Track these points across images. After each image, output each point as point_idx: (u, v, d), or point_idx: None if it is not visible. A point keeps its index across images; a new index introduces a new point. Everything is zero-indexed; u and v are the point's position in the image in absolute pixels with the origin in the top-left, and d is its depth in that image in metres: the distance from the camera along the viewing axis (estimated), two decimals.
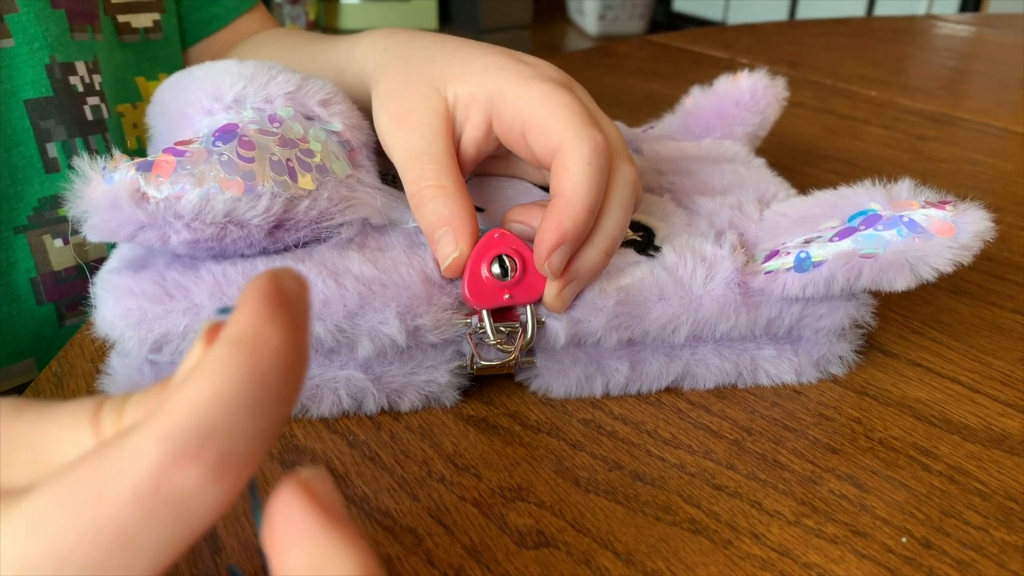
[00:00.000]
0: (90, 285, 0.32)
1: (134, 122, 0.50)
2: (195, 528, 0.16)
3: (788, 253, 0.35)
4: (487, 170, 0.41)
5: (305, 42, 0.50)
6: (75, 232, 0.45)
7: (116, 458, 0.15)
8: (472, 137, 0.35)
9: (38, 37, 0.42)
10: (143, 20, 0.50)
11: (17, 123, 0.42)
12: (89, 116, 0.45)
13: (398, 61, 0.38)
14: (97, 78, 0.46)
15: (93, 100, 0.45)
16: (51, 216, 0.45)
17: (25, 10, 0.42)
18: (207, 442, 0.15)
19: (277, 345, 0.16)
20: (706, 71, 0.81)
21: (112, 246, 0.34)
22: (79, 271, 0.47)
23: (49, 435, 0.18)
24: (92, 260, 0.47)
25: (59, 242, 0.45)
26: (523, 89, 0.34)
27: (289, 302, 0.17)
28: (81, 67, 0.44)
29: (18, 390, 0.46)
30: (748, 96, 0.50)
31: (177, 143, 0.31)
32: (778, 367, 0.37)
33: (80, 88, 0.44)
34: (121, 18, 0.49)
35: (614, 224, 0.33)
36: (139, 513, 0.15)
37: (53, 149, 0.44)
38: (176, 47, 0.53)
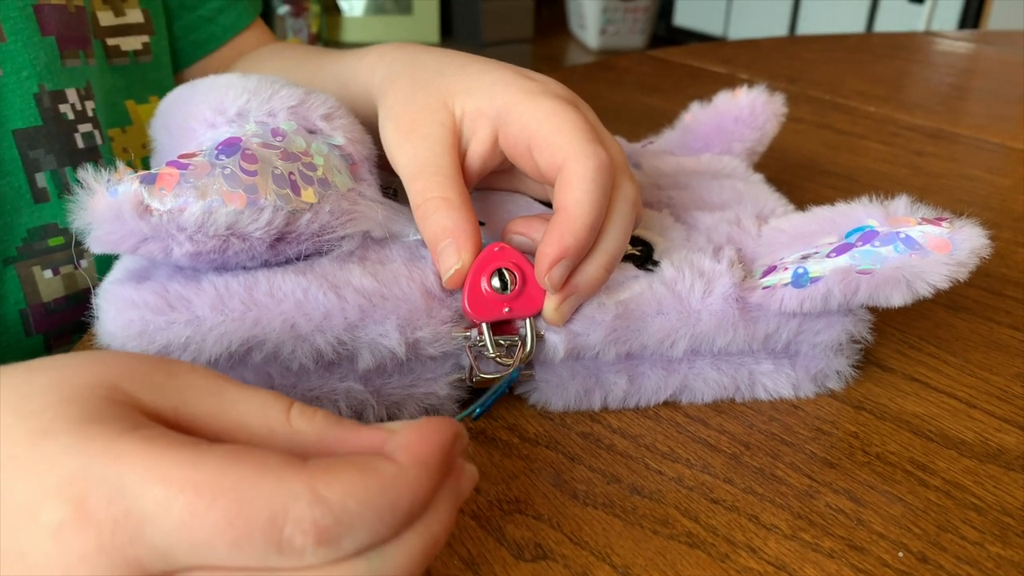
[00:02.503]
0: (93, 298, 0.32)
1: (124, 146, 0.50)
2: (271, 568, 0.19)
3: (786, 268, 0.35)
4: (489, 184, 0.41)
5: (309, 56, 0.51)
6: (83, 255, 0.45)
7: (272, 487, 0.19)
8: (478, 151, 0.36)
9: (26, 66, 0.42)
10: (132, 43, 0.50)
11: (5, 153, 0.42)
12: (80, 144, 0.45)
13: (406, 74, 0.38)
14: (90, 104, 0.45)
15: (85, 127, 0.45)
16: (40, 247, 0.44)
17: (12, 39, 0.41)
18: (334, 526, 0.19)
19: (421, 496, 0.21)
20: (706, 86, 0.82)
21: (102, 271, 0.34)
22: (68, 301, 0.46)
23: (242, 396, 0.22)
24: (82, 289, 0.47)
25: (48, 273, 0.45)
26: (530, 105, 0.34)
27: (448, 466, 0.22)
28: (72, 94, 0.44)
29: None
30: (747, 112, 0.50)
31: (180, 156, 0.31)
32: (776, 381, 0.37)
33: (71, 116, 0.44)
34: (110, 41, 0.49)
35: (615, 240, 0.34)
36: (258, 535, 0.19)
37: (42, 179, 0.43)
38: (167, 69, 0.53)
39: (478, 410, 0.31)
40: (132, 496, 0.19)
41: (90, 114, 0.45)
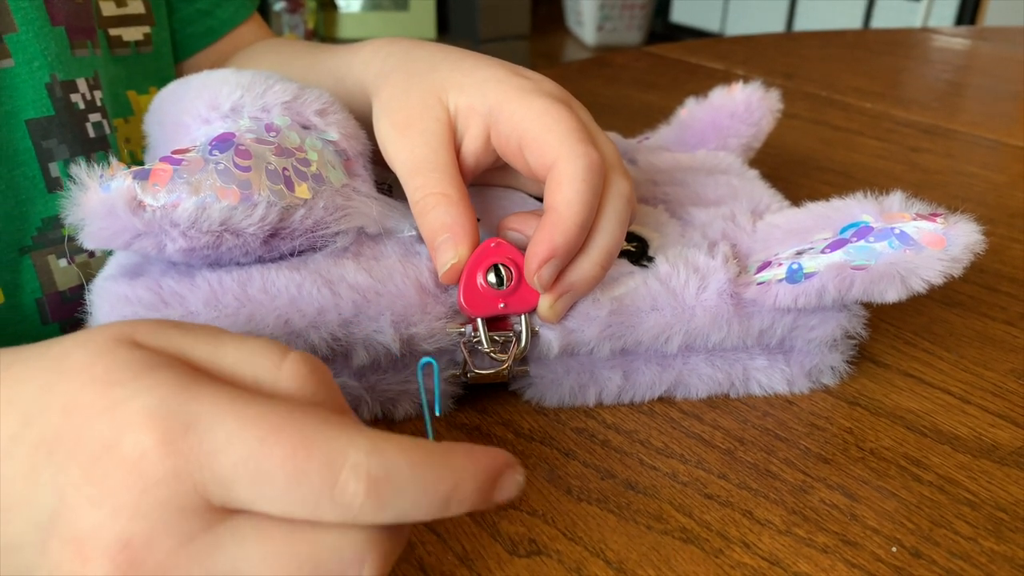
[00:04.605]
0: (87, 294, 0.32)
1: (126, 136, 0.50)
2: (319, 515, 0.20)
3: (780, 264, 0.35)
4: (485, 180, 0.41)
5: (304, 51, 0.50)
6: (80, 251, 0.45)
7: (335, 433, 0.20)
8: (471, 148, 0.36)
9: (38, 56, 0.42)
10: (134, 33, 0.50)
11: (19, 143, 0.42)
12: (91, 133, 0.45)
13: (400, 69, 0.38)
14: (98, 94, 0.45)
15: (95, 117, 0.45)
16: (55, 236, 0.44)
17: (24, 29, 0.41)
18: (386, 481, 0.20)
19: (459, 488, 0.21)
20: (702, 82, 0.82)
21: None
22: (84, 290, 0.46)
23: (235, 344, 0.23)
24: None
25: (63, 262, 0.45)
26: (521, 103, 0.34)
27: (491, 485, 0.22)
28: (82, 84, 0.44)
29: None
30: (742, 108, 0.50)
31: (174, 152, 0.31)
32: (770, 377, 0.37)
33: (81, 105, 0.44)
34: (113, 31, 0.49)
35: (609, 237, 0.34)
36: (315, 473, 0.20)
37: (56, 169, 0.44)
38: (167, 60, 0.53)
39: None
40: (206, 427, 0.20)
41: (99, 104, 0.45)
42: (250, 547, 0.20)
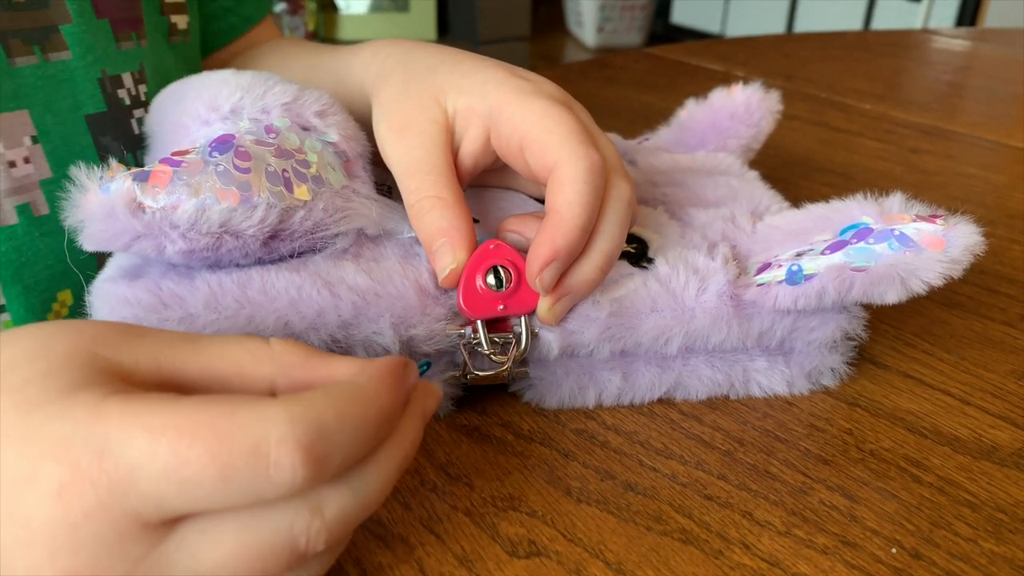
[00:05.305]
0: (87, 295, 0.32)
1: None
2: (262, 498, 0.20)
3: (780, 266, 0.35)
4: (483, 181, 0.41)
5: (307, 52, 0.50)
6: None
7: (249, 416, 0.20)
8: (470, 150, 0.36)
9: (92, 49, 0.41)
10: (182, 22, 0.50)
11: (81, 139, 0.41)
12: (135, 130, 0.44)
13: (399, 71, 0.38)
14: (143, 88, 0.44)
15: (139, 112, 0.44)
16: None
17: (78, 20, 0.40)
18: (316, 441, 0.20)
19: (385, 406, 0.23)
20: (702, 83, 0.82)
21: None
22: None
23: (216, 338, 0.24)
24: None
25: None
26: (522, 105, 0.34)
27: (403, 385, 0.24)
28: (128, 79, 0.43)
29: None
30: (742, 109, 0.50)
31: (174, 153, 0.31)
32: (770, 378, 0.37)
33: (127, 101, 0.43)
34: (174, 18, 0.48)
35: (610, 240, 0.34)
36: (244, 464, 0.20)
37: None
38: (200, 50, 0.53)
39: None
40: (119, 450, 0.19)
41: (143, 99, 0.44)
42: (202, 555, 0.20)
